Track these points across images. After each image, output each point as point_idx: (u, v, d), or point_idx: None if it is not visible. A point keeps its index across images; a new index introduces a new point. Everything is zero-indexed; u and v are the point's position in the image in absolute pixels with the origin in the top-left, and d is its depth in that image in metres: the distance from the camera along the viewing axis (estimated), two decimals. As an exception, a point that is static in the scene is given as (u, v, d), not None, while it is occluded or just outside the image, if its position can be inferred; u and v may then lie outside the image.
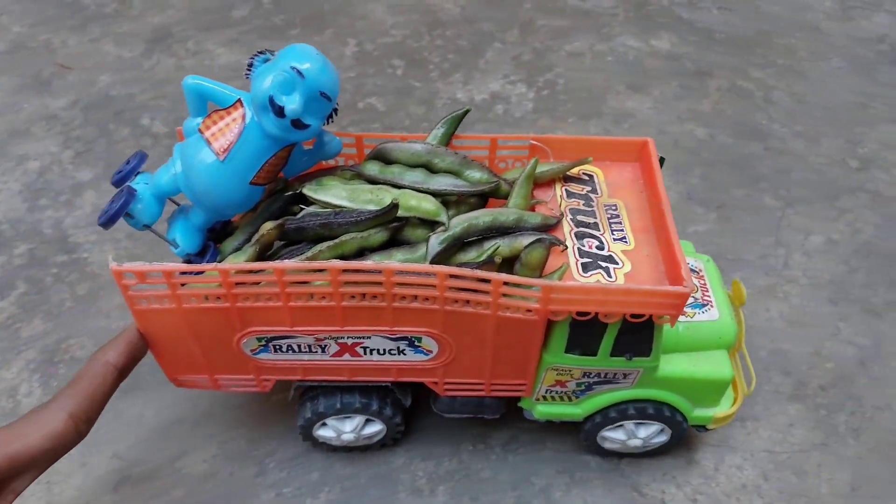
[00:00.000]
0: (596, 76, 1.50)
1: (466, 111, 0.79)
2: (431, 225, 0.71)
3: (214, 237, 0.72)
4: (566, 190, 0.78)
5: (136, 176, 0.66)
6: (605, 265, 0.70)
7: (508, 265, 0.70)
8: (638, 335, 0.69)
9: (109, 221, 0.62)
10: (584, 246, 0.71)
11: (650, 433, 0.81)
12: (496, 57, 1.55)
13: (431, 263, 0.68)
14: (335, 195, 0.70)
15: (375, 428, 0.82)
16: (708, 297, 0.79)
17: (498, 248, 0.69)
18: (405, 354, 0.72)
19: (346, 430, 0.81)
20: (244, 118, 0.64)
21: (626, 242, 0.72)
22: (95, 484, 0.86)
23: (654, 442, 0.83)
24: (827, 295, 1.08)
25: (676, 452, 0.88)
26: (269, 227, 0.67)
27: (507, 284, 0.63)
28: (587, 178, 0.80)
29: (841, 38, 1.63)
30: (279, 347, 0.71)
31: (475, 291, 0.65)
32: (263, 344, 0.71)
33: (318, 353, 0.72)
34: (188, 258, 0.68)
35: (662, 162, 0.77)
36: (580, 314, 0.65)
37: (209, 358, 0.72)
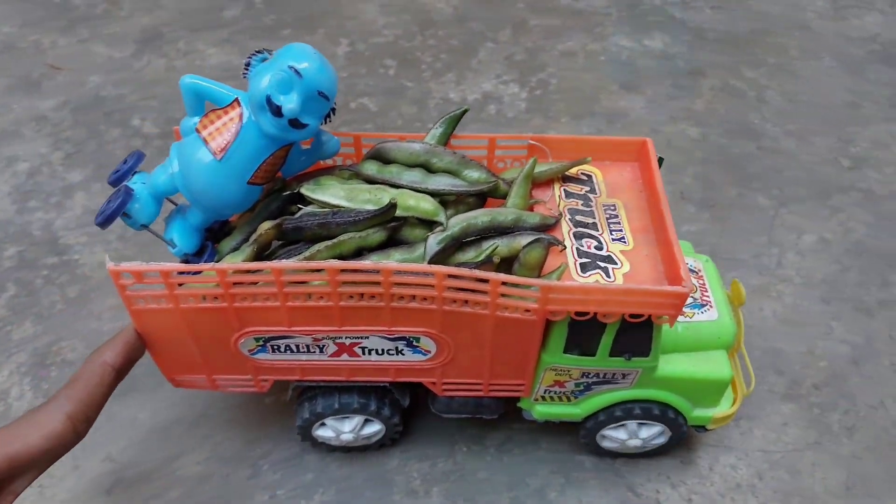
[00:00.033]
0: (588, 76, 1.50)
1: (465, 111, 0.79)
2: (430, 225, 0.71)
3: (212, 237, 0.72)
4: (565, 190, 0.78)
5: (133, 175, 0.66)
6: (603, 265, 0.70)
7: (507, 265, 0.69)
8: (637, 335, 0.69)
9: (106, 221, 0.62)
10: (582, 246, 0.71)
11: (652, 434, 0.81)
12: (489, 57, 1.55)
13: (430, 263, 0.68)
14: (333, 195, 0.70)
15: (374, 428, 0.82)
16: (707, 297, 0.79)
17: (496, 247, 0.69)
18: (403, 354, 0.72)
19: (344, 430, 0.80)
20: (241, 117, 0.63)
21: (624, 242, 0.72)
22: (89, 487, 0.85)
23: (653, 442, 0.83)
24: (820, 294, 1.08)
25: (671, 452, 0.88)
26: (266, 226, 0.67)
27: (505, 284, 0.63)
28: (586, 178, 0.80)
29: (833, 37, 1.64)
30: (277, 347, 0.71)
31: (473, 291, 0.64)
32: (261, 344, 0.70)
33: (316, 353, 0.71)
34: (186, 258, 0.68)
35: (661, 162, 0.77)
36: (579, 314, 0.65)
37: (207, 358, 0.72)
